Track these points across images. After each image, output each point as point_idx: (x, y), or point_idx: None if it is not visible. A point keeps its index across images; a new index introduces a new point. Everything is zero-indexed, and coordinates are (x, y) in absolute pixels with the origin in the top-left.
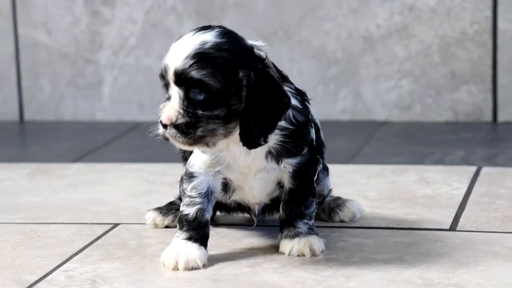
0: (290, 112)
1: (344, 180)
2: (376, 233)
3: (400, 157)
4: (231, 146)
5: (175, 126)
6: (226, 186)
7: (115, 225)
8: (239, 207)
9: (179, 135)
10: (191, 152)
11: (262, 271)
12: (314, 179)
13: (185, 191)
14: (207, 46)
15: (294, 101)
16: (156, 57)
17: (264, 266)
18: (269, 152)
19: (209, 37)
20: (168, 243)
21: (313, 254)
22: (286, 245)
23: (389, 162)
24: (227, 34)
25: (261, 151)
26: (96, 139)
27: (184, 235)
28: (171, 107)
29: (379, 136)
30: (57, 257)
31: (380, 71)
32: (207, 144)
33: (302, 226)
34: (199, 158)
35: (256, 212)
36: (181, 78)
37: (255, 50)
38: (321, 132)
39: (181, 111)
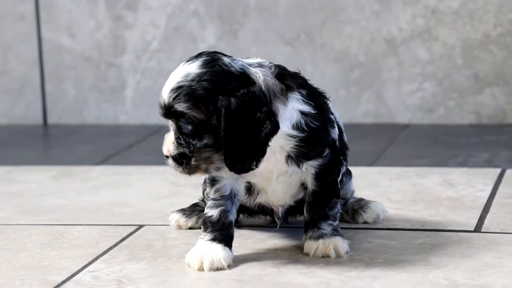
0: (301, 120)
1: (367, 182)
2: (400, 234)
3: (424, 160)
4: None
5: (173, 157)
6: (250, 189)
7: (140, 226)
8: (261, 210)
9: (176, 165)
10: None
11: (286, 271)
12: (338, 180)
13: (208, 195)
14: (189, 78)
15: (306, 107)
16: (178, 60)
17: (288, 267)
18: (289, 156)
19: (192, 69)
20: (192, 244)
21: (338, 255)
22: (311, 246)
23: (413, 164)
24: (210, 63)
25: (280, 155)
26: (119, 142)
27: (208, 236)
28: (168, 139)
29: (402, 139)
30: (83, 258)
31: (402, 74)
32: (206, 171)
33: (326, 227)
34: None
35: (280, 214)
36: (169, 111)
37: (248, 71)
38: (344, 134)
39: (176, 142)
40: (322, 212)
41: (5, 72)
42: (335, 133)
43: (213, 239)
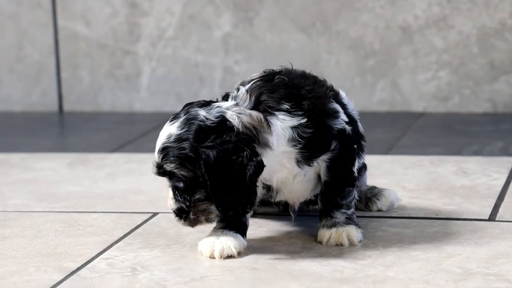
0: (293, 134)
1: (382, 171)
2: (414, 223)
3: (438, 148)
4: (266, 162)
5: (174, 211)
6: (269, 188)
7: (154, 214)
8: (277, 203)
9: (178, 219)
10: None
11: (300, 259)
12: (355, 169)
13: None
14: (171, 139)
15: (294, 121)
16: (193, 48)
17: (302, 255)
18: (298, 161)
19: (173, 130)
20: (206, 232)
21: (351, 243)
22: (324, 234)
23: (427, 153)
24: (188, 122)
25: (290, 165)
26: (134, 130)
27: (221, 224)
28: (169, 196)
29: (417, 127)
30: (97, 245)
31: (418, 62)
32: (207, 221)
33: (339, 216)
34: None
35: (295, 208)
36: (160, 170)
37: (225, 117)
38: (359, 123)
39: (174, 198)
40: (334, 201)
41: (21, 59)
42: (339, 123)
43: (225, 227)
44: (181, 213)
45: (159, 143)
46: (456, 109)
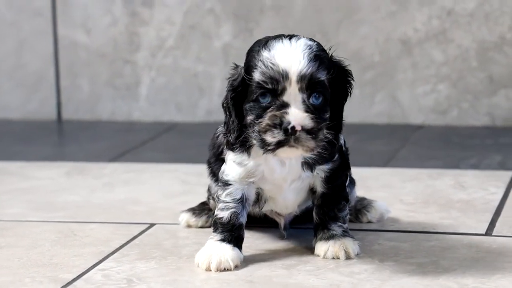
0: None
1: (380, 184)
2: (411, 237)
3: (436, 161)
4: (269, 158)
5: (307, 131)
6: (258, 197)
7: (151, 225)
8: (265, 220)
9: (310, 139)
10: (219, 166)
11: (297, 273)
12: (346, 184)
13: (219, 197)
14: (317, 48)
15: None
16: (193, 58)
17: (299, 268)
18: (305, 163)
19: (308, 42)
20: (203, 243)
21: (348, 257)
22: (321, 247)
23: (425, 166)
24: (312, 40)
25: (296, 161)
26: (133, 139)
27: (218, 236)
28: (299, 112)
29: (415, 140)
30: (94, 256)
31: (417, 75)
32: (315, 149)
33: (336, 229)
34: (233, 169)
35: (283, 226)
36: (309, 82)
37: None
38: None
39: (309, 115)
40: (332, 213)
41: (21, 67)
42: (341, 138)
43: (223, 240)
44: (316, 133)
45: (303, 54)
46: (454, 122)
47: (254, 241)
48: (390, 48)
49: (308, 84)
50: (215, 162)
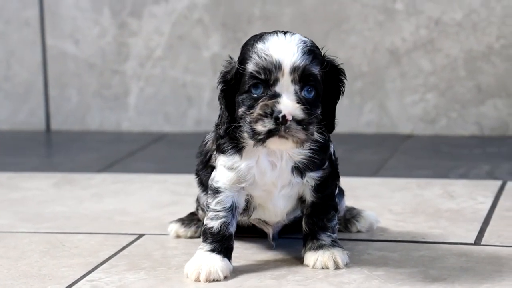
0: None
1: (368, 193)
2: (400, 246)
3: (425, 171)
4: (261, 160)
5: (297, 121)
6: (247, 204)
7: (140, 235)
8: (254, 230)
9: (300, 130)
10: (208, 174)
11: (286, 283)
12: (335, 193)
13: (209, 205)
14: (310, 44)
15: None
16: (182, 68)
17: (288, 278)
18: (295, 167)
19: (303, 38)
20: (192, 254)
21: (337, 266)
22: (311, 257)
23: (414, 175)
24: (306, 37)
25: (286, 165)
26: (121, 150)
27: (208, 247)
28: (290, 102)
29: (404, 149)
30: (82, 267)
31: (405, 84)
32: (304, 143)
33: (325, 239)
34: (224, 175)
35: (271, 235)
36: (302, 74)
37: None
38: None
39: (301, 107)
40: (321, 223)
41: (9, 78)
42: (331, 147)
43: (212, 250)
44: (307, 125)
45: (299, 46)
46: (443, 131)
47: (243, 251)
48: (378, 58)
49: (301, 76)
50: (203, 170)
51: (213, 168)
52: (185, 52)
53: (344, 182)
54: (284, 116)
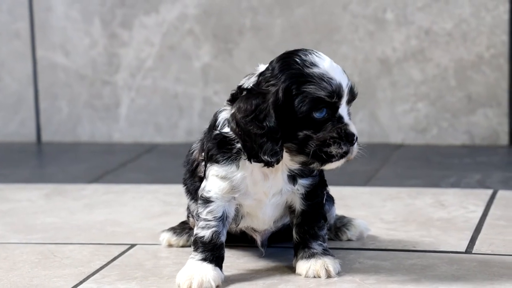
0: None
1: (360, 203)
2: (392, 255)
3: (416, 180)
4: (255, 171)
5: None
6: (236, 213)
7: (132, 245)
8: (242, 237)
9: (356, 150)
10: (195, 183)
11: None
12: (324, 202)
13: (200, 215)
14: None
15: None
16: (173, 79)
17: (280, 287)
18: (287, 175)
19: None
20: (184, 263)
21: (329, 275)
22: (302, 266)
23: (405, 185)
24: None
25: (282, 175)
26: (112, 161)
27: (199, 256)
28: (353, 124)
29: (395, 159)
30: (74, 277)
31: (396, 94)
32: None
33: (317, 247)
34: (215, 184)
35: (260, 242)
36: (354, 96)
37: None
38: None
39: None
40: (312, 231)
41: (0, 89)
42: None
43: (204, 259)
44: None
45: (344, 76)
46: (434, 141)
47: (235, 260)
48: (369, 67)
49: (351, 97)
50: (190, 179)
51: (200, 177)
52: (176, 63)
53: (335, 191)
54: (357, 138)
